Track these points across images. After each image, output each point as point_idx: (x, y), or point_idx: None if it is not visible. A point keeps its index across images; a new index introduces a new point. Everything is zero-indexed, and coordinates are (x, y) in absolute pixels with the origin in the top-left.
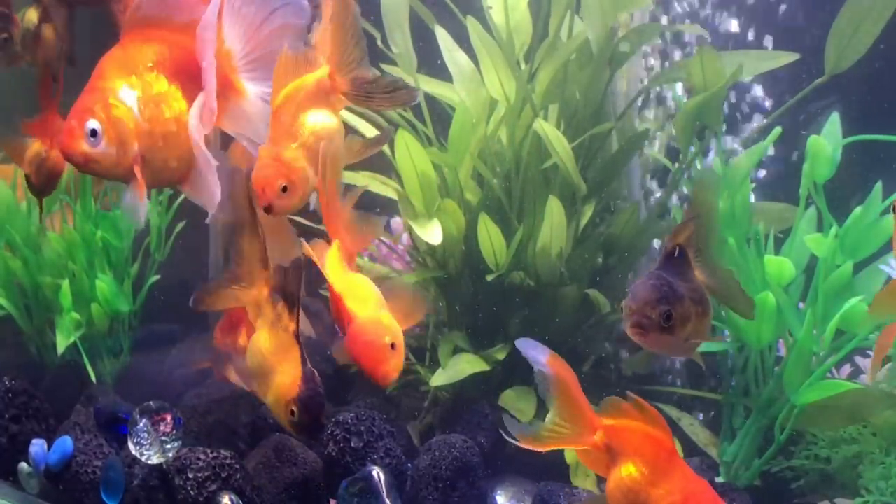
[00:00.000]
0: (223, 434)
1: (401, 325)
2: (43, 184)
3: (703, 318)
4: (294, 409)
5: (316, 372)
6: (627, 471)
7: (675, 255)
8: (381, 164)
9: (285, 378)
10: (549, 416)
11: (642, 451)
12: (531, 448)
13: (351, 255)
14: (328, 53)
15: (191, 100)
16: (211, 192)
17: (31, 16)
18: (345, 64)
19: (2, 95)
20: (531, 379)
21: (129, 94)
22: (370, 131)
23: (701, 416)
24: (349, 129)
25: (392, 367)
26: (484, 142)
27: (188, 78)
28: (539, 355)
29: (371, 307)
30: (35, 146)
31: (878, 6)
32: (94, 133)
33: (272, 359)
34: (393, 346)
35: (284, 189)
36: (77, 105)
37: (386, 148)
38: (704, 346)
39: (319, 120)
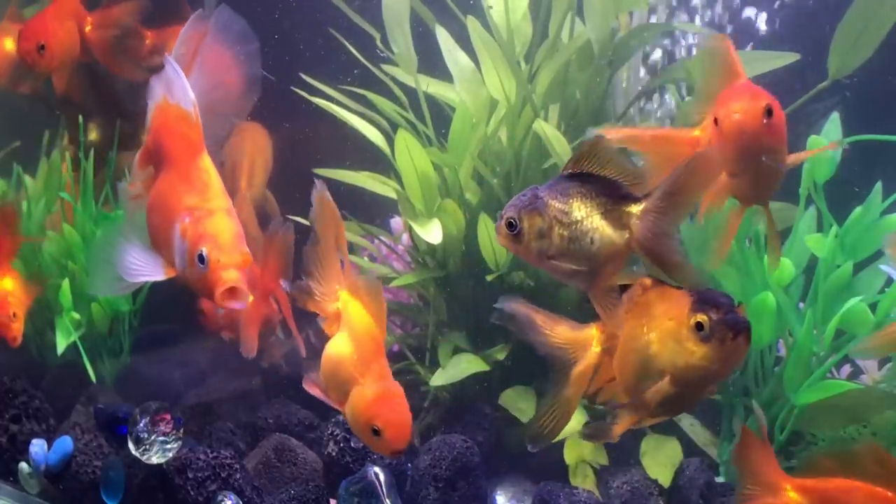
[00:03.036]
0: (223, 434)
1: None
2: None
3: (570, 243)
4: None
5: None
6: None
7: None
8: (382, 164)
9: None
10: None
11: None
12: None
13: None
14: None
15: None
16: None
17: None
18: None
19: None
20: (531, 379)
21: None
22: (370, 131)
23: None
24: (348, 130)
25: None
26: (484, 142)
27: None
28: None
29: None
30: None
31: (882, 11)
32: None
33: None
34: None
35: None
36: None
37: (386, 147)
38: None
39: None
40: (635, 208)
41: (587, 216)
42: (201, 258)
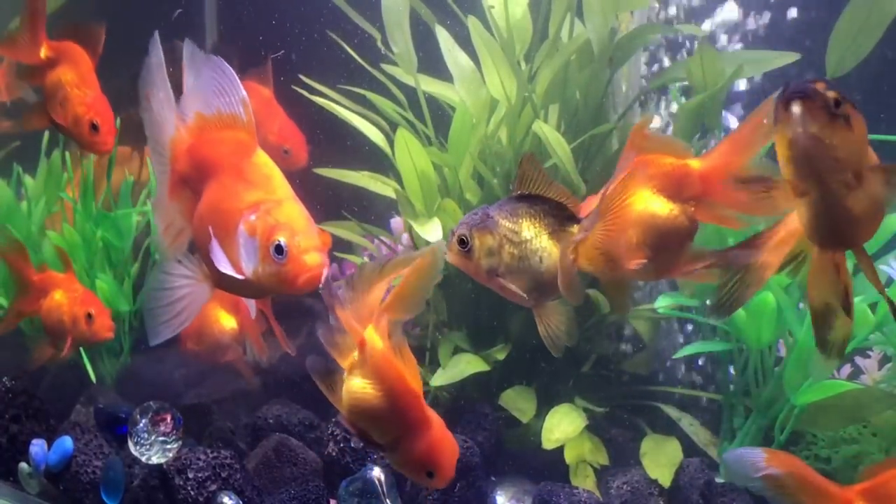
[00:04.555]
0: (223, 434)
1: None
2: None
3: (519, 261)
4: None
5: None
6: None
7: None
8: (381, 164)
9: None
10: None
11: None
12: None
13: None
14: None
15: None
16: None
17: None
18: None
19: None
20: (531, 379)
21: None
22: (371, 131)
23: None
24: (348, 130)
25: None
26: (484, 142)
27: None
28: (754, 465)
29: None
30: None
31: (878, 10)
32: None
33: None
34: None
35: None
36: None
37: (386, 147)
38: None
39: None
40: (578, 230)
41: (536, 236)
42: (279, 249)
